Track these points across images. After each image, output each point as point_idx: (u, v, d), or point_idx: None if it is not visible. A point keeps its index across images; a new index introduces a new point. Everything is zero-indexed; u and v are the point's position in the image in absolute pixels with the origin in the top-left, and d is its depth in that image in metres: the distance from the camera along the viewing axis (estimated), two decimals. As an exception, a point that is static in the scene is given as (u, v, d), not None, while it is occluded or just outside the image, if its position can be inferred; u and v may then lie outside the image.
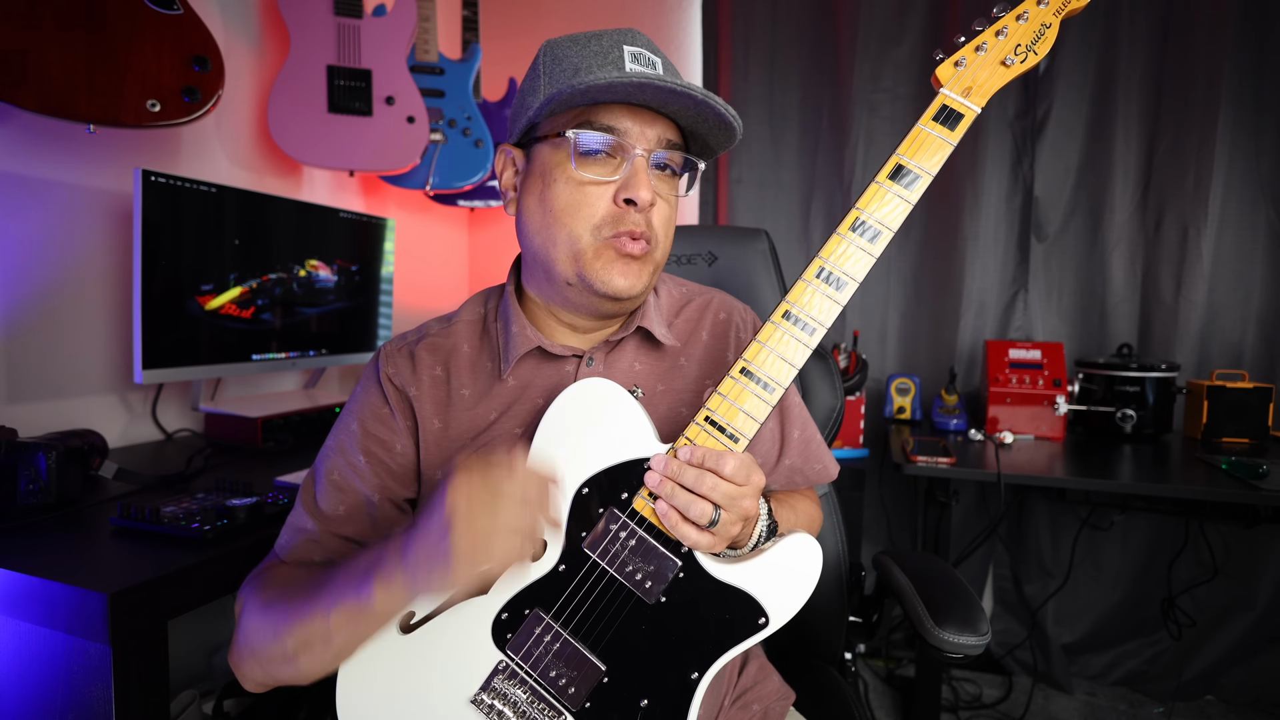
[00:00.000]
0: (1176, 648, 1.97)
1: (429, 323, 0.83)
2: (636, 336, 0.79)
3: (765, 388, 0.64)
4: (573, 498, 0.65)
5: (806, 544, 0.65)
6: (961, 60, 0.66)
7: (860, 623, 1.18)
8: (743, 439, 0.64)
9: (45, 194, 1.31)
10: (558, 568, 0.65)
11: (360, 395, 0.78)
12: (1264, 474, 1.44)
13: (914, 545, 2.19)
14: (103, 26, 1.18)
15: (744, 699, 0.82)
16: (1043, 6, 0.65)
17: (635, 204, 0.68)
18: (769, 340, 0.65)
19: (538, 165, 0.73)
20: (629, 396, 0.67)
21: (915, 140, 0.65)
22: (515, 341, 0.75)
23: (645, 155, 0.69)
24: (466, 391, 0.76)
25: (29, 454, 0.98)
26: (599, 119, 0.69)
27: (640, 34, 0.73)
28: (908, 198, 0.64)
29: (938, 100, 0.66)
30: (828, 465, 0.92)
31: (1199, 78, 1.87)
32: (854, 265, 0.64)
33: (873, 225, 0.64)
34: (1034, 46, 0.66)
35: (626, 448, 0.66)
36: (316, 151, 1.69)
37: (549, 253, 0.72)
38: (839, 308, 0.64)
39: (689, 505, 0.61)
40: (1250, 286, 1.90)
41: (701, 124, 0.71)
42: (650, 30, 2.31)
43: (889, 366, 2.18)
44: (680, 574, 0.64)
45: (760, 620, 0.64)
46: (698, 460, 0.62)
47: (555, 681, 0.64)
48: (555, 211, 0.70)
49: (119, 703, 0.78)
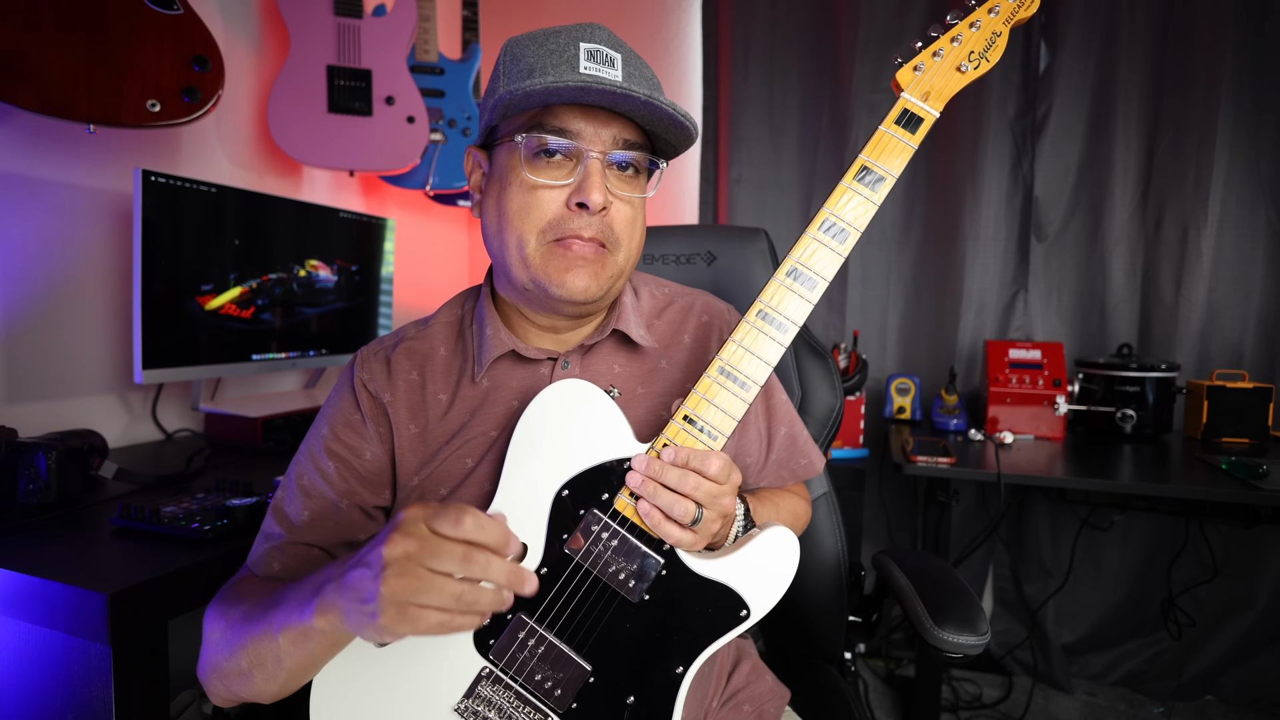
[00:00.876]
0: (1176, 648, 1.97)
1: (406, 326, 0.82)
2: (613, 339, 0.79)
3: (742, 386, 0.65)
4: (552, 500, 0.65)
5: (783, 536, 0.66)
6: (920, 65, 0.68)
7: (860, 623, 1.18)
8: (721, 437, 0.65)
9: (45, 194, 1.31)
10: (539, 570, 0.65)
11: (334, 400, 0.78)
12: (1264, 474, 1.44)
13: (914, 545, 2.19)
14: (103, 26, 1.18)
15: (734, 700, 0.82)
16: (993, 15, 0.68)
17: (588, 207, 0.67)
18: (744, 339, 0.66)
19: (497, 168, 0.73)
20: (605, 397, 0.67)
21: (879, 143, 0.66)
22: (489, 344, 0.75)
23: (600, 157, 0.68)
24: (443, 396, 0.76)
25: (29, 454, 0.98)
26: (551, 121, 0.68)
27: (601, 29, 0.70)
28: (872, 198, 0.66)
29: (899, 104, 0.67)
30: (813, 460, 0.92)
31: (1199, 78, 1.87)
32: (823, 264, 0.66)
33: (840, 225, 0.66)
34: (986, 54, 0.68)
35: (605, 448, 0.66)
36: (316, 151, 1.69)
37: (504, 257, 0.72)
38: (810, 305, 0.66)
39: (672, 505, 0.62)
40: (1250, 286, 1.90)
41: (656, 124, 0.70)
42: (650, 30, 2.31)
43: (889, 366, 2.18)
44: (663, 571, 0.64)
45: (742, 612, 0.65)
46: (681, 460, 0.62)
47: (541, 685, 0.64)
48: (508, 215, 0.70)
49: (119, 703, 0.78)
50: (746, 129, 2.23)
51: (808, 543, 1.12)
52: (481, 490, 0.73)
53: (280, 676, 0.61)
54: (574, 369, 0.76)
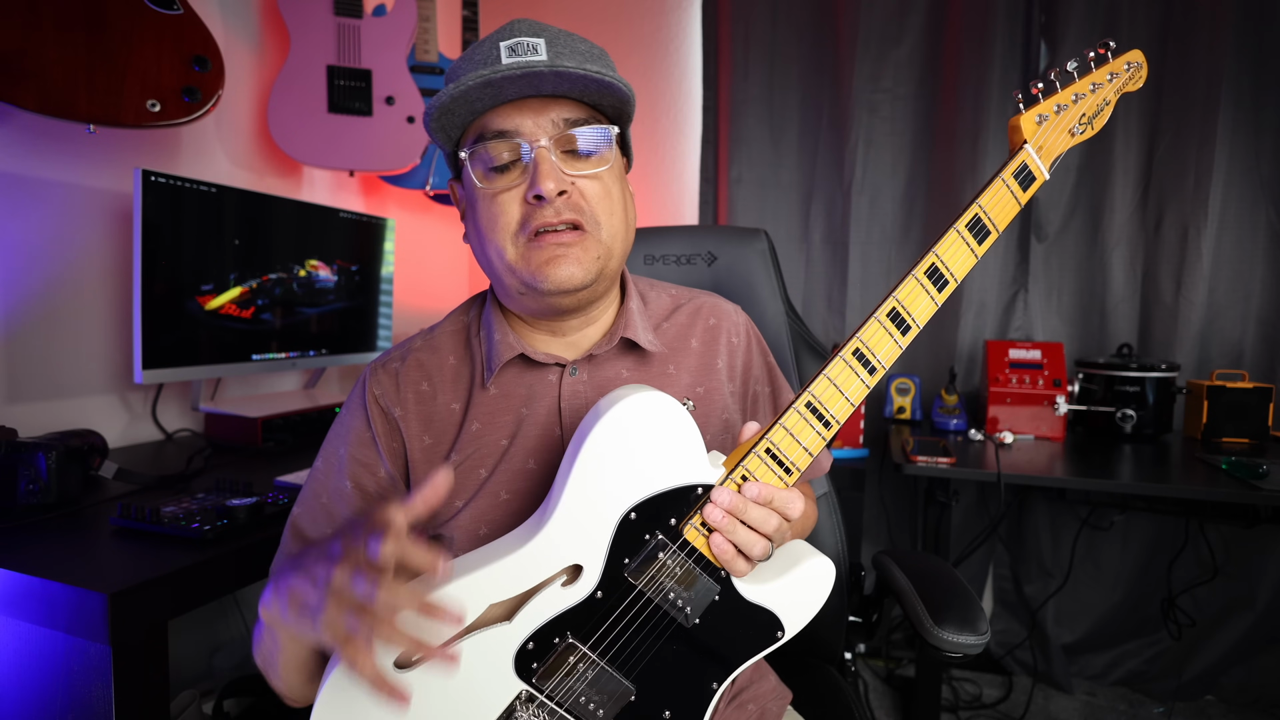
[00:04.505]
0: (1176, 648, 1.97)
1: (413, 337, 0.82)
2: (621, 345, 0.78)
3: (825, 424, 0.64)
4: (618, 521, 0.62)
5: (824, 567, 0.67)
6: (1044, 116, 0.66)
7: (860, 623, 1.18)
8: (796, 472, 0.64)
9: (45, 194, 1.31)
10: (594, 594, 0.61)
11: (345, 419, 0.78)
12: (1264, 474, 1.44)
13: (914, 545, 2.19)
14: (103, 26, 1.18)
15: (740, 699, 0.82)
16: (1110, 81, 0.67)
17: (544, 198, 0.66)
18: (837, 378, 0.64)
19: (466, 192, 0.74)
20: (686, 414, 0.63)
21: (995, 194, 0.65)
22: (498, 350, 0.74)
23: (547, 146, 0.67)
24: (456, 406, 0.76)
25: (29, 454, 0.98)
26: (491, 126, 0.68)
27: (523, 22, 0.69)
28: (976, 251, 0.65)
29: (1020, 156, 0.65)
30: (821, 459, 0.92)
31: (1199, 78, 1.87)
32: (920, 309, 0.65)
33: (942, 272, 0.64)
34: (1093, 120, 0.67)
35: (681, 472, 0.63)
36: (316, 151, 1.69)
37: (494, 270, 0.72)
38: (900, 351, 0.65)
39: (753, 545, 0.61)
40: (1250, 286, 1.90)
41: (587, 93, 0.69)
42: (650, 30, 2.31)
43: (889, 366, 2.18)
44: (717, 597, 0.64)
45: (778, 633, 0.66)
46: (765, 500, 0.61)
47: (584, 706, 0.62)
48: (483, 231, 0.71)
49: (119, 703, 0.78)
50: (746, 129, 2.23)
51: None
52: (498, 500, 0.72)
53: (279, 673, 0.63)
54: (582, 374, 0.76)
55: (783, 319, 1.19)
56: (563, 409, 0.75)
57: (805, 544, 0.70)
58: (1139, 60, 0.67)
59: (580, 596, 0.61)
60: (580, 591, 0.61)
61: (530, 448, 0.73)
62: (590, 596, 0.61)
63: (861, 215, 2.16)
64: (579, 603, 0.61)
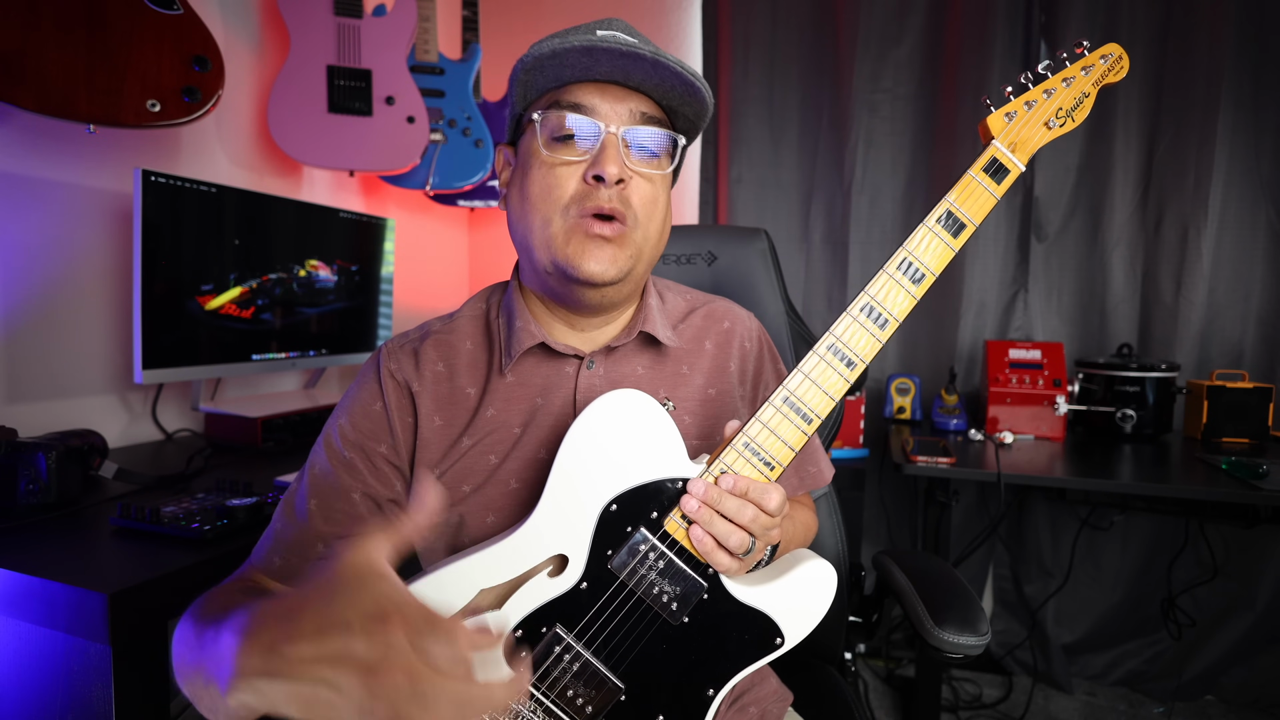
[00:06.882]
0: (1176, 648, 1.97)
1: (431, 321, 0.82)
2: (638, 341, 0.79)
3: (805, 419, 0.64)
4: (599, 513, 0.63)
5: (824, 571, 0.66)
6: (1012, 114, 0.67)
7: (860, 623, 1.18)
8: (778, 467, 0.64)
9: (45, 194, 1.31)
10: (580, 585, 0.63)
11: (354, 392, 0.77)
12: (1264, 474, 1.44)
13: (914, 545, 2.19)
14: (103, 26, 1.18)
15: (741, 701, 0.82)
16: (1085, 75, 0.67)
17: (604, 180, 0.67)
18: (812, 371, 0.65)
19: (521, 157, 0.74)
20: (662, 411, 0.65)
21: (965, 188, 0.66)
22: (519, 337, 0.74)
23: (616, 132, 0.68)
24: (471, 390, 0.76)
25: (29, 454, 0.98)
26: (566, 98, 0.69)
27: (620, 21, 0.72)
28: (952, 244, 0.65)
29: (989, 152, 0.66)
30: (823, 469, 0.91)
31: (1199, 78, 1.87)
32: (896, 304, 0.65)
33: (917, 266, 0.65)
34: (1072, 112, 0.67)
35: (659, 466, 0.64)
36: (316, 151, 1.69)
37: (528, 240, 0.72)
38: (880, 345, 0.65)
39: (729, 535, 0.61)
40: (1250, 286, 1.90)
41: (671, 95, 0.70)
42: (650, 30, 2.31)
43: (889, 366, 2.18)
44: (705, 596, 0.64)
45: (777, 640, 0.65)
46: (740, 491, 0.61)
47: (572, 701, 0.63)
48: (531, 198, 0.71)
49: (119, 703, 0.78)
50: (746, 129, 2.23)
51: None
52: (508, 489, 0.72)
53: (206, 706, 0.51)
54: (599, 368, 0.76)
55: (783, 318, 1.19)
56: (578, 401, 0.75)
57: (806, 550, 0.70)
58: (1116, 52, 0.68)
59: (566, 587, 0.63)
60: (566, 582, 0.63)
61: (542, 438, 0.74)
62: (575, 587, 0.63)
63: (861, 215, 2.16)
64: (565, 593, 0.63)
